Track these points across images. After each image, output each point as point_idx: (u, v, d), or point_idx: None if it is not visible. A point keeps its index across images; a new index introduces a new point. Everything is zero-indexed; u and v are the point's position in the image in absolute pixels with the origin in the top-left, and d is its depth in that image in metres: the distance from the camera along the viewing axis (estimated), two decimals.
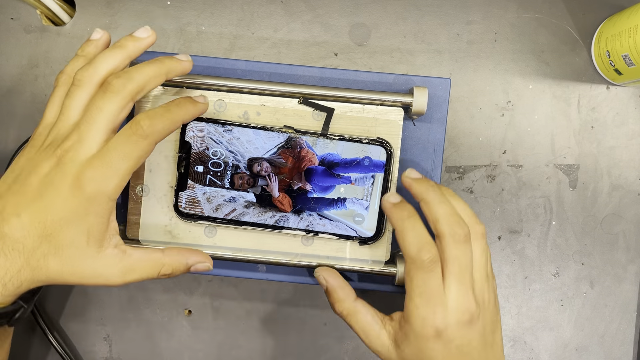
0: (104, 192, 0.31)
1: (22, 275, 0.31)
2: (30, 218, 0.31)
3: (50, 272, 0.32)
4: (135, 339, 0.49)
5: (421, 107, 0.39)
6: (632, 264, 0.48)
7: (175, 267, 0.35)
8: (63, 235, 0.31)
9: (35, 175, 0.32)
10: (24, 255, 0.31)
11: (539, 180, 0.48)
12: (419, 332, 0.33)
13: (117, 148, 0.31)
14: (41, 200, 0.31)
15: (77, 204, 0.31)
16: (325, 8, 0.48)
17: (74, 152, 0.31)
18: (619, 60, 0.44)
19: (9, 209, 0.31)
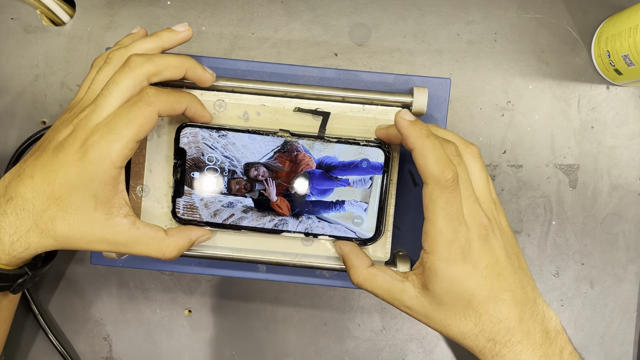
0: (107, 157, 0.32)
1: (30, 237, 0.32)
2: (41, 180, 0.32)
3: (57, 236, 0.32)
4: (135, 339, 0.49)
5: (421, 107, 0.39)
6: (632, 264, 0.48)
7: (179, 246, 0.36)
8: (70, 199, 0.32)
9: (54, 141, 0.33)
10: (33, 216, 0.32)
11: (539, 180, 0.48)
12: (446, 259, 0.32)
13: (122, 114, 0.32)
14: (52, 164, 0.32)
15: (82, 168, 0.32)
16: (325, 8, 0.48)
17: (86, 120, 0.32)
18: (619, 60, 0.44)
19: (27, 171, 0.32)
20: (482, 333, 0.33)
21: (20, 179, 0.32)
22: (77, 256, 0.49)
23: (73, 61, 0.48)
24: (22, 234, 0.32)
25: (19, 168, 0.33)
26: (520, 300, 0.33)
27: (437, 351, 0.49)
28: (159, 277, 0.49)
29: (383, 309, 0.49)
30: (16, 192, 0.32)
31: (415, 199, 0.42)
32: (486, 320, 0.33)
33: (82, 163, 0.32)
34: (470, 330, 0.33)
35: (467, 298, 0.32)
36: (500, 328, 0.33)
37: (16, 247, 0.32)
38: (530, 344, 0.33)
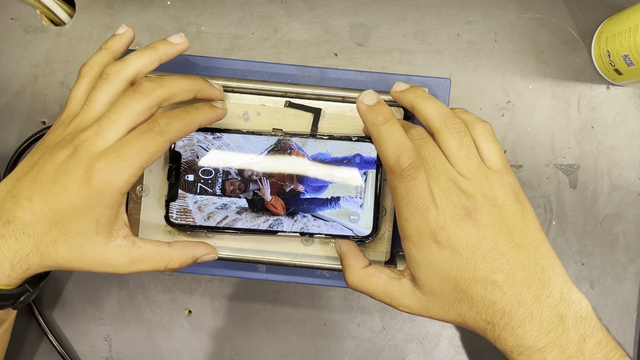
0: (114, 185, 0.31)
1: (31, 259, 0.32)
2: (41, 204, 0.31)
3: (58, 258, 0.32)
4: (135, 339, 0.49)
5: None
6: (632, 264, 0.48)
7: (182, 261, 0.35)
8: (72, 224, 0.31)
9: (51, 162, 0.32)
10: (33, 240, 0.31)
11: (539, 180, 0.48)
12: (420, 246, 0.31)
13: (131, 142, 0.32)
14: (53, 188, 0.31)
15: (87, 195, 0.31)
16: (325, 8, 0.48)
17: (90, 143, 0.32)
18: (619, 60, 0.44)
19: (23, 193, 0.32)
20: (479, 315, 0.31)
21: (17, 201, 0.31)
22: None
23: (73, 61, 0.48)
24: (23, 256, 0.31)
25: (11, 188, 0.32)
26: (519, 281, 0.30)
27: (437, 351, 0.49)
28: (159, 277, 0.49)
29: (383, 309, 0.49)
30: (14, 215, 0.31)
31: None
32: (479, 302, 0.30)
33: (86, 189, 0.31)
34: (466, 312, 0.31)
35: (452, 282, 0.31)
36: (496, 310, 0.30)
37: (16, 269, 0.32)
38: (535, 329, 0.30)
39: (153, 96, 0.33)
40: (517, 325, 0.30)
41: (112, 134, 0.32)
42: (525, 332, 0.30)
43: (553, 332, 0.30)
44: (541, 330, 0.30)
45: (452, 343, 0.49)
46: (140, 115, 0.32)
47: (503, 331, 0.30)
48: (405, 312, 0.34)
